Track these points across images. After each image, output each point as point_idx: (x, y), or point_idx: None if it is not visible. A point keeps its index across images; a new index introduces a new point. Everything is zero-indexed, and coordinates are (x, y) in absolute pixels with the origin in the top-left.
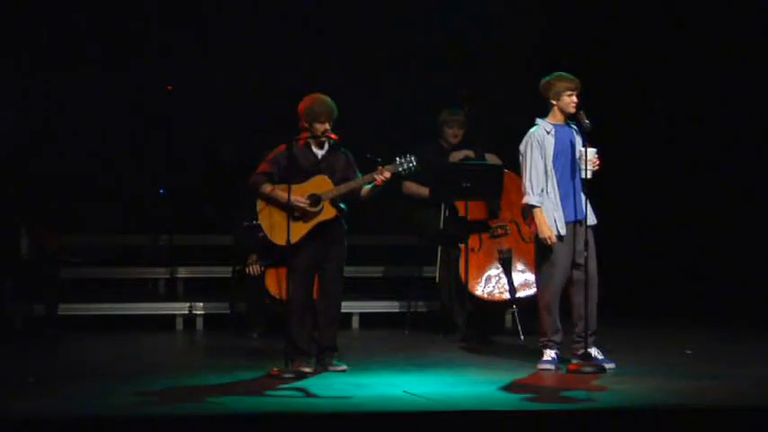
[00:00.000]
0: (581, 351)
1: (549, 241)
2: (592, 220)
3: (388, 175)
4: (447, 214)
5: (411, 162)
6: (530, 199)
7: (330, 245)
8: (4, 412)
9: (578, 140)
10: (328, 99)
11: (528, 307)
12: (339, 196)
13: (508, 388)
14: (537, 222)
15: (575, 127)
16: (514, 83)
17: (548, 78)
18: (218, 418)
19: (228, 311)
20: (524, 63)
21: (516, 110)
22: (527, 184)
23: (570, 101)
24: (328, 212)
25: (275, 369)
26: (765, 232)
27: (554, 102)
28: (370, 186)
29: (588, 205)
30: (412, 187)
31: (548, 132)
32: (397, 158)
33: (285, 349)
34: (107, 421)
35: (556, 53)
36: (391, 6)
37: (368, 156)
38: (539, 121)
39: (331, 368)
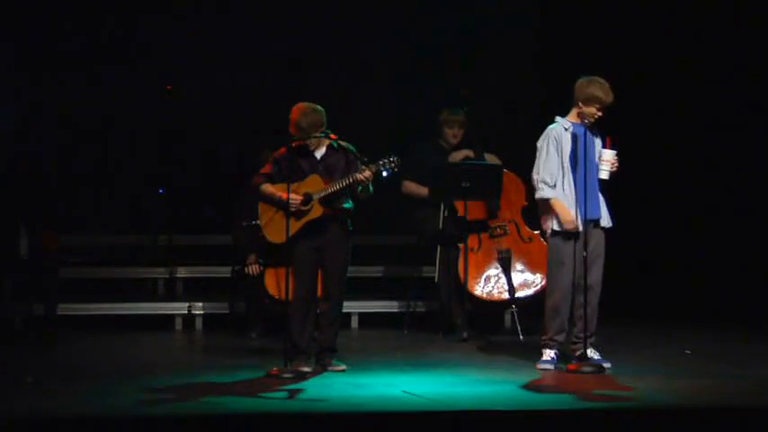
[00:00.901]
0: (579, 351)
1: (571, 225)
2: (607, 222)
3: (368, 174)
4: (446, 214)
5: (393, 162)
6: (544, 192)
7: (330, 245)
8: (4, 412)
9: (597, 141)
10: (311, 111)
11: (527, 307)
12: (330, 195)
13: (508, 388)
14: (558, 212)
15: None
16: (514, 83)
17: (587, 80)
18: (218, 418)
19: (228, 311)
20: (524, 64)
21: (515, 110)
22: (538, 178)
23: (594, 112)
24: (317, 211)
25: (275, 369)
26: (765, 232)
27: (581, 104)
28: (361, 189)
29: (604, 207)
30: (411, 187)
31: (566, 129)
32: (381, 160)
33: (284, 349)
34: (107, 421)
35: (556, 54)
36: (391, 6)
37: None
38: (558, 118)
39: (330, 368)
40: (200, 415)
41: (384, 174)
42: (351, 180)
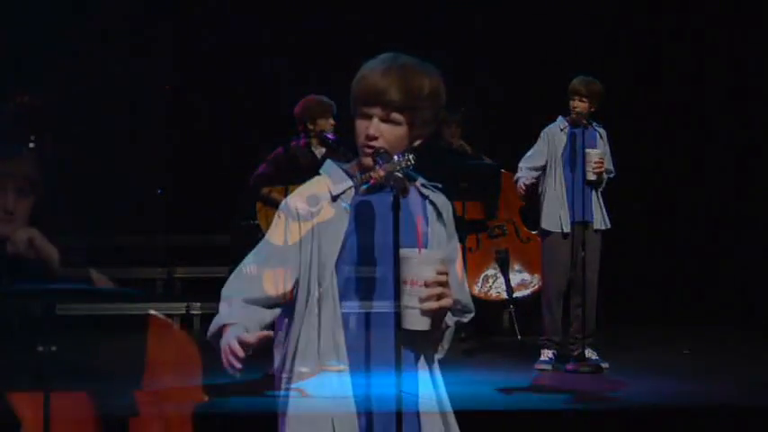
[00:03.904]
0: (577, 352)
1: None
2: (602, 223)
3: (382, 173)
4: None
5: (409, 161)
6: (518, 173)
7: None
8: (4, 412)
9: (600, 143)
10: (324, 97)
11: (525, 307)
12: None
13: (506, 388)
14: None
15: (599, 129)
16: (514, 83)
17: None
18: (217, 418)
19: None
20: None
21: (514, 111)
22: (521, 164)
23: (572, 105)
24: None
25: (273, 369)
26: (765, 232)
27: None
28: (365, 186)
29: (601, 208)
30: None
31: (561, 129)
32: (395, 157)
33: None
34: (106, 421)
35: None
36: (391, 5)
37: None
38: (560, 118)
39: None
40: (198, 415)
41: (399, 174)
42: (364, 179)
